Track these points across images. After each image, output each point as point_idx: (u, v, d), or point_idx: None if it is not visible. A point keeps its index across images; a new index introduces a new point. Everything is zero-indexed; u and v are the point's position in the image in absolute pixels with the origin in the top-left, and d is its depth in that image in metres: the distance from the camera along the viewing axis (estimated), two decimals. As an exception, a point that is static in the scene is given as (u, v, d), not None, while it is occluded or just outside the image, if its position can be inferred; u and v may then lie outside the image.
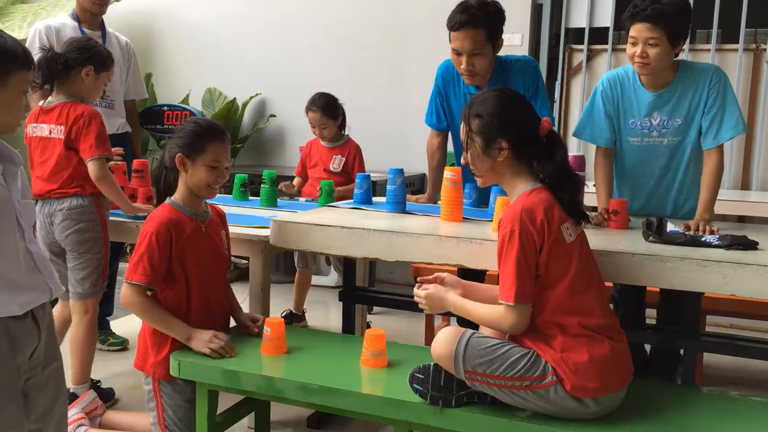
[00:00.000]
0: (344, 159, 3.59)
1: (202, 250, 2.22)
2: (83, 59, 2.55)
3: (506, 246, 1.76)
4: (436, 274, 2.07)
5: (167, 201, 2.23)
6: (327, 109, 3.52)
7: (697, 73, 2.48)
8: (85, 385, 2.65)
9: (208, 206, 2.31)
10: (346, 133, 3.67)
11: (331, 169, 3.58)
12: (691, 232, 2.19)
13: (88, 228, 2.57)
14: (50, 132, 2.55)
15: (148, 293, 2.15)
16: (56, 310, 2.72)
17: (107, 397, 2.72)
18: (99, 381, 2.73)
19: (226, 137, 2.26)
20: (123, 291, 2.15)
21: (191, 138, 2.20)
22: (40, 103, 2.59)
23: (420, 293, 1.98)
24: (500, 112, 1.85)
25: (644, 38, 2.36)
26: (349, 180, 3.50)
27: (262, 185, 3.16)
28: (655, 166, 2.56)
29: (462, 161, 1.97)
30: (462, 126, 1.93)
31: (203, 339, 2.13)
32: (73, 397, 2.55)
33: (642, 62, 2.39)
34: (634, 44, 2.39)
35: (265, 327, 2.19)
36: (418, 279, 2.05)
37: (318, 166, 3.63)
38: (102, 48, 2.67)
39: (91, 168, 2.52)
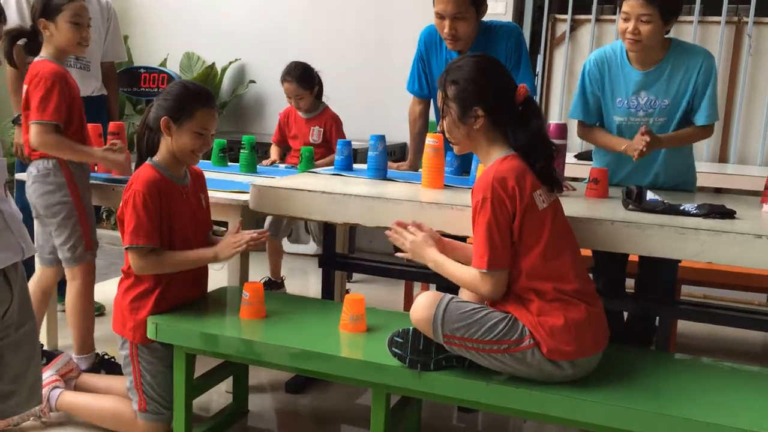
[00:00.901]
0: (322, 129, 3.55)
1: (183, 215, 2.20)
2: (41, 12, 2.46)
3: (479, 213, 1.77)
4: (414, 221, 2.03)
5: (149, 162, 2.19)
6: (302, 80, 3.46)
7: (688, 55, 2.45)
8: (89, 356, 2.61)
9: (187, 172, 2.27)
10: (323, 102, 3.61)
11: (311, 141, 3.54)
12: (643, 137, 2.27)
13: (54, 192, 2.50)
14: (23, 92, 2.49)
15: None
16: (36, 277, 2.68)
17: (114, 370, 2.62)
18: (106, 353, 2.68)
19: (215, 104, 2.22)
20: (131, 260, 2.11)
21: (180, 102, 2.15)
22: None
23: (406, 236, 1.97)
24: (477, 79, 1.83)
25: (637, 14, 2.32)
26: (330, 150, 3.46)
27: (241, 151, 3.12)
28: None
29: (438, 128, 1.95)
30: (438, 93, 1.91)
31: (229, 246, 2.15)
32: (49, 358, 2.52)
33: (633, 39, 2.36)
34: (626, 20, 2.36)
35: (243, 291, 2.17)
36: (396, 222, 2.02)
37: (298, 139, 3.58)
38: None
39: (30, 133, 2.42)
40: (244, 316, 2.16)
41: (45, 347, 2.73)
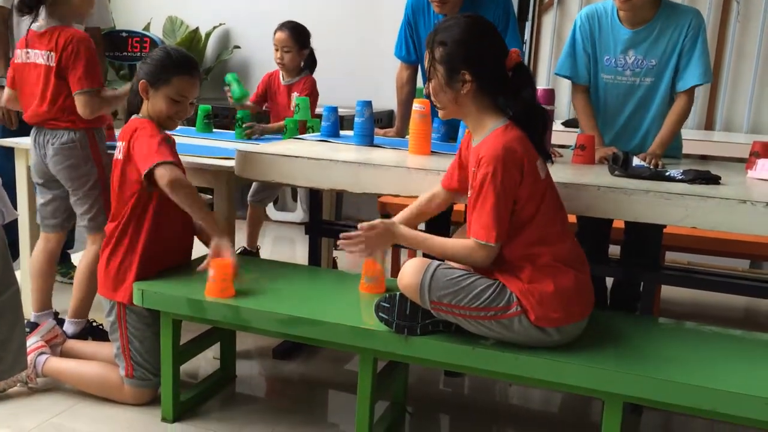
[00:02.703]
0: (300, 95, 3.48)
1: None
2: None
3: (487, 185, 1.72)
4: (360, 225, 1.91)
5: (134, 117, 2.22)
6: (295, 32, 3.38)
7: (677, 14, 2.44)
8: (81, 321, 2.61)
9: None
10: (307, 71, 3.53)
11: (292, 109, 3.47)
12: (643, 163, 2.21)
13: (79, 164, 2.50)
14: (45, 59, 2.43)
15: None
16: (40, 244, 2.66)
17: (102, 338, 2.63)
18: (95, 320, 2.67)
19: (196, 72, 2.22)
20: (166, 174, 2.05)
21: (158, 67, 2.17)
22: (32, 26, 2.46)
23: (360, 236, 1.87)
24: (466, 41, 1.77)
25: None
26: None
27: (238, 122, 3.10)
28: (625, 105, 2.54)
29: (425, 91, 1.91)
30: (426, 54, 1.85)
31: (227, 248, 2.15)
32: (33, 326, 2.52)
33: (623, 4, 2.36)
34: None
35: (209, 269, 2.08)
36: (341, 235, 1.91)
37: (278, 107, 3.50)
38: None
39: (78, 103, 2.41)
40: (209, 294, 2.05)
41: (55, 312, 2.73)
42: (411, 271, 1.82)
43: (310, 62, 3.49)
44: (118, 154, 2.21)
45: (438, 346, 1.82)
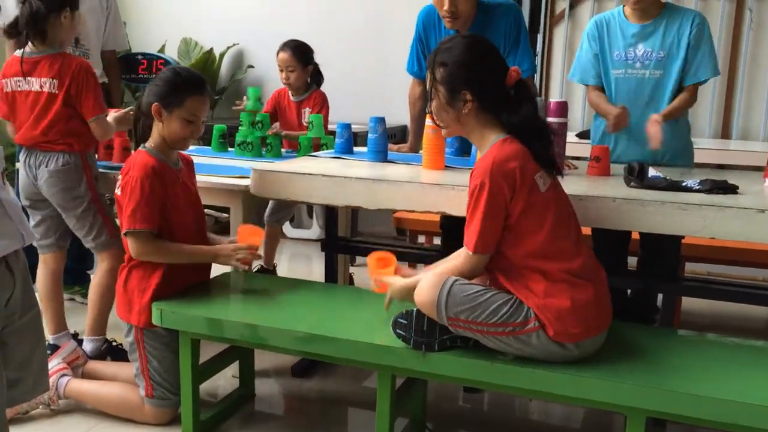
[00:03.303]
0: (311, 111, 3.51)
1: (180, 199, 2.20)
2: (60, 3, 2.44)
3: (475, 197, 1.76)
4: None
5: (142, 148, 2.20)
6: (297, 51, 3.41)
7: (681, 11, 2.61)
8: (99, 338, 2.63)
9: (178, 156, 2.28)
10: (314, 85, 3.55)
11: (304, 123, 3.50)
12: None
13: (74, 186, 2.52)
14: (41, 86, 2.45)
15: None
16: (41, 267, 2.67)
17: (121, 357, 2.64)
18: (114, 340, 2.69)
19: (206, 90, 2.21)
20: (130, 245, 2.13)
21: (170, 88, 2.16)
22: (17, 52, 2.48)
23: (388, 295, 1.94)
24: (466, 61, 1.80)
25: None
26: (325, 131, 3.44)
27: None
28: (638, 100, 2.60)
29: (427, 110, 1.94)
30: (427, 74, 1.88)
31: (229, 254, 2.18)
32: (54, 348, 2.54)
33: (636, 3, 2.52)
34: None
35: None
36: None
37: (298, 128, 3.53)
38: None
39: (95, 128, 2.49)
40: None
41: (74, 332, 2.75)
42: (427, 287, 1.81)
43: (317, 77, 3.52)
44: (117, 189, 2.19)
45: (456, 362, 1.82)
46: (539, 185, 1.77)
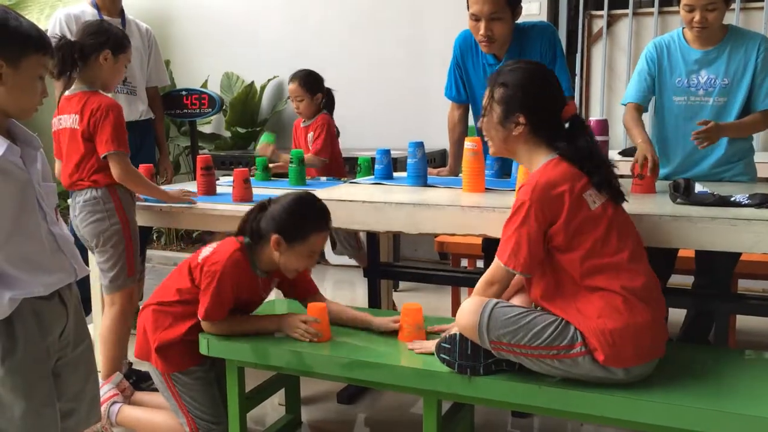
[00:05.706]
0: (314, 135, 3.53)
1: (247, 295, 2.21)
2: (99, 43, 2.48)
3: (514, 211, 1.77)
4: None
5: (245, 244, 2.15)
6: (304, 82, 3.46)
7: (746, 37, 2.49)
8: (119, 375, 2.62)
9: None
10: (323, 111, 3.58)
11: (309, 149, 3.52)
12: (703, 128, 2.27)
13: (103, 219, 2.51)
14: (71, 122, 2.51)
15: None
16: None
17: (144, 377, 2.68)
18: (131, 362, 2.71)
19: (330, 223, 2.14)
20: (204, 327, 2.14)
21: (296, 222, 2.08)
22: (64, 93, 2.55)
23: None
24: (526, 86, 1.83)
25: (702, 4, 2.37)
26: (332, 154, 3.48)
27: (290, 165, 3.16)
28: (697, 126, 2.50)
29: (477, 125, 1.94)
30: (486, 91, 1.90)
31: (293, 327, 2.10)
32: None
33: (701, 27, 2.41)
34: (689, 11, 2.41)
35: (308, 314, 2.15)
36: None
37: (307, 152, 3.57)
38: (117, 29, 2.61)
39: (111, 165, 2.47)
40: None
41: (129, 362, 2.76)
42: (468, 310, 1.80)
43: (329, 104, 3.55)
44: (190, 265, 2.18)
45: (502, 386, 1.79)
46: (589, 204, 1.75)
